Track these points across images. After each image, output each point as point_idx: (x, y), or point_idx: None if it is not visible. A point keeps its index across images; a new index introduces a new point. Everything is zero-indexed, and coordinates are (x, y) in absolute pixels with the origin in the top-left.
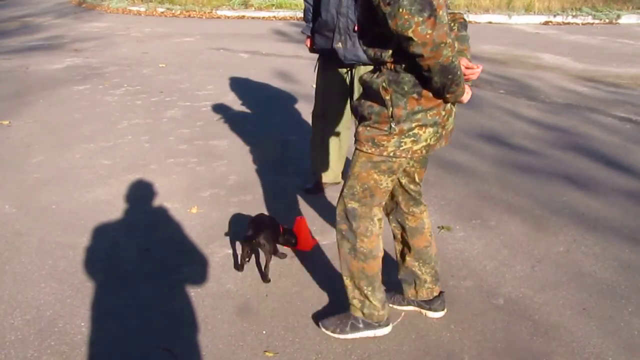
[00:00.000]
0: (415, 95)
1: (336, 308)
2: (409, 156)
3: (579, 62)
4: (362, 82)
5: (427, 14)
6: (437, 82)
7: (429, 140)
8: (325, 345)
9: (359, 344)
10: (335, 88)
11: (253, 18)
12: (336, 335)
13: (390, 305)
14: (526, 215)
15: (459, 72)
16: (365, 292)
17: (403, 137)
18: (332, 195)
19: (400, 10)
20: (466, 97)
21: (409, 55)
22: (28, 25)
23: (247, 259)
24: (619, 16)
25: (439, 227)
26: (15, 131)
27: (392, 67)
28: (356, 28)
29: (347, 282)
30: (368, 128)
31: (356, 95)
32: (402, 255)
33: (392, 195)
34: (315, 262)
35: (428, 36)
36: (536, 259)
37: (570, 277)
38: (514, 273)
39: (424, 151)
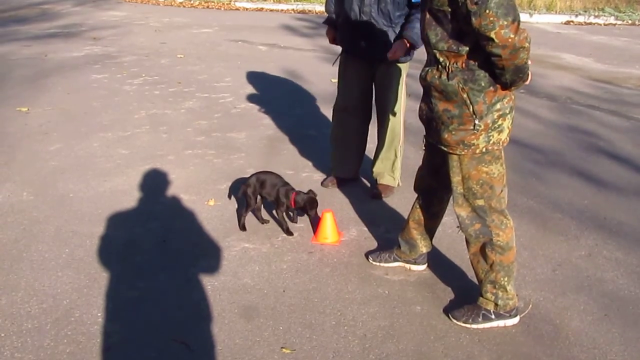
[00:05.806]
0: (492, 88)
1: (354, 305)
2: (500, 147)
3: (601, 63)
4: (425, 83)
5: (512, 18)
6: (507, 79)
7: (510, 127)
8: (342, 344)
9: (376, 344)
10: (357, 83)
11: (271, 10)
12: (468, 325)
13: (377, 263)
14: (546, 217)
15: (527, 71)
16: (502, 282)
17: (490, 131)
18: (349, 191)
19: (487, 11)
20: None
21: (485, 52)
22: (47, 13)
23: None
24: None
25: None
26: (34, 118)
27: (464, 65)
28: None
29: (482, 277)
30: (454, 132)
31: (378, 91)
32: (409, 227)
33: (444, 182)
34: (332, 259)
35: (510, 40)
36: (557, 262)
37: (591, 281)
38: (534, 276)
39: (508, 138)
